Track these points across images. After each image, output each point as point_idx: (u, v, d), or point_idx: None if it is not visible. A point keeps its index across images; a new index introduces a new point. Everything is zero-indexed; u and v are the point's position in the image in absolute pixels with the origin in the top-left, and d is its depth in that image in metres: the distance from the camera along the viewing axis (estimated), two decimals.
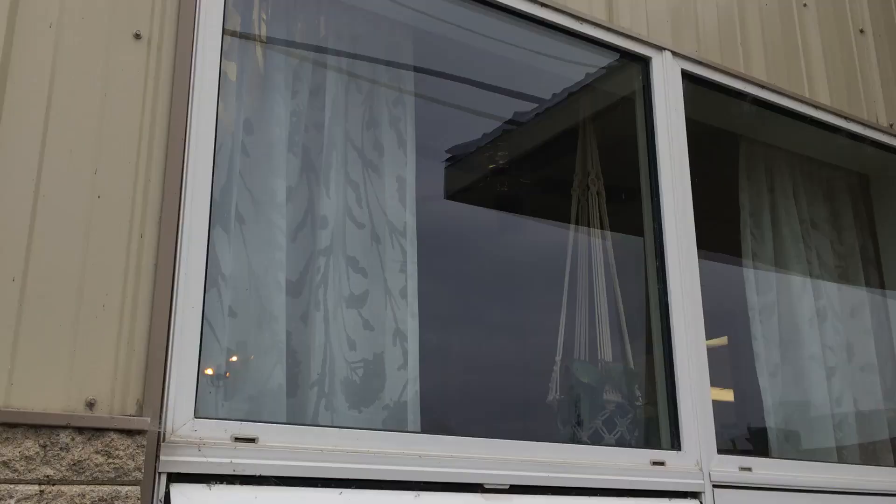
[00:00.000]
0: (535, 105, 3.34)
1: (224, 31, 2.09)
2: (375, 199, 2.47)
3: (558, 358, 2.82)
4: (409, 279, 2.42)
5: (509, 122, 3.47)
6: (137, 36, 1.93)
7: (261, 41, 2.40)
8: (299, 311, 2.28)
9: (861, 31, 3.56)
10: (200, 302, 1.85)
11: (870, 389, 3.41)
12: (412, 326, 2.39)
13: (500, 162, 3.71)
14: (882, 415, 3.42)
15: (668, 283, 2.66)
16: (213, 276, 2.08)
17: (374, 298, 2.38)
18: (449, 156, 3.76)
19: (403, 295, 2.41)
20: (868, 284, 3.60)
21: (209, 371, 2.05)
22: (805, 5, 3.42)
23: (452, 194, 3.88)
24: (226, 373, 2.11)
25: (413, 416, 2.30)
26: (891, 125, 3.46)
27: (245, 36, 2.36)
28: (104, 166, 1.82)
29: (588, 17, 2.77)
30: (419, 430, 2.30)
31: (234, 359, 2.14)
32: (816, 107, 3.26)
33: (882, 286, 3.64)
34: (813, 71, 3.30)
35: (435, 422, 2.42)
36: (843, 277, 3.55)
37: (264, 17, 2.40)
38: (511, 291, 3.50)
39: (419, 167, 2.57)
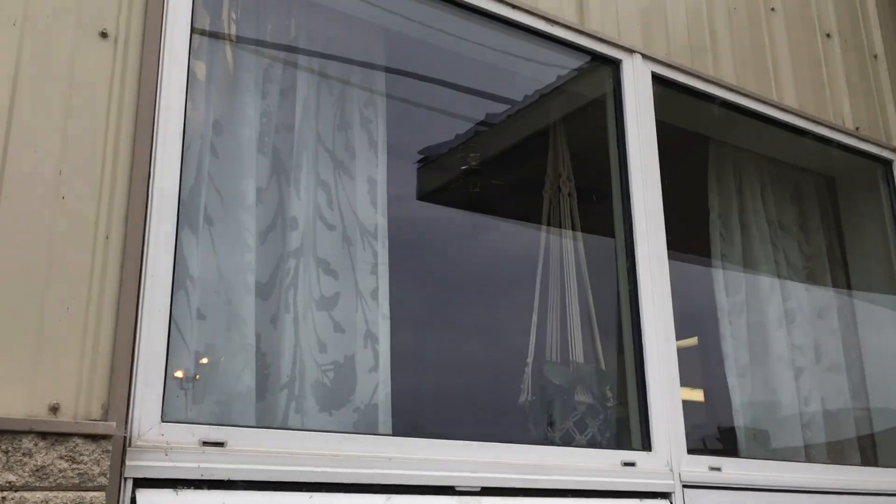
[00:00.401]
0: (507, 107, 3.35)
1: (193, 30, 2.07)
2: (346, 201, 2.47)
3: (530, 360, 2.83)
4: (380, 281, 2.42)
5: (481, 123, 3.48)
6: (104, 34, 1.90)
7: (230, 41, 2.38)
8: (269, 314, 2.27)
9: (828, 35, 3.61)
10: (168, 304, 1.83)
11: (837, 389, 3.45)
12: (383, 328, 2.38)
13: (472, 163, 3.71)
14: (849, 414, 3.46)
15: (638, 284, 2.68)
16: (181, 277, 2.06)
17: (345, 300, 2.37)
18: (421, 157, 3.75)
19: (374, 297, 2.40)
20: (835, 285, 3.64)
21: (178, 374, 2.02)
22: (773, 9, 3.45)
23: (424, 196, 3.87)
24: (195, 376, 2.08)
25: (384, 418, 2.29)
26: (857, 128, 3.51)
27: (214, 35, 2.34)
28: (69, 166, 1.79)
29: (559, 19, 2.78)
30: (390, 433, 2.29)
31: (204, 362, 2.12)
32: (784, 110, 3.29)
33: (848, 287, 3.68)
34: (781, 74, 3.34)
35: (407, 424, 2.41)
36: (811, 278, 3.59)
37: (234, 17, 2.39)
38: (483, 293, 3.51)
39: (390, 168, 2.56)
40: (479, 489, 2.10)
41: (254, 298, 2.20)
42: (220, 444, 1.81)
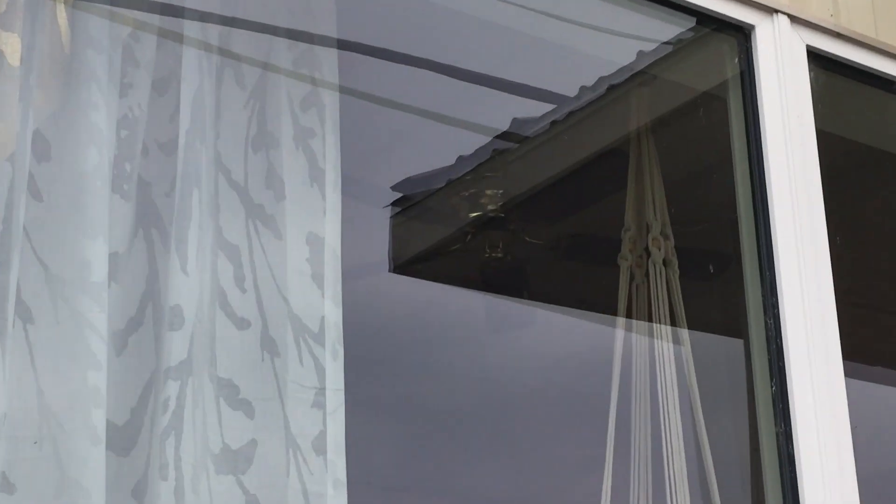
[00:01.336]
0: (550, 107, 3.43)
1: None
2: (270, 276, 2.46)
3: None
4: (329, 419, 2.42)
5: (504, 136, 3.55)
6: None
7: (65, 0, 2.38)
8: (131, 481, 2.25)
9: None
10: None
11: None
12: None
13: (490, 207, 3.78)
14: None
15: (791, 420, 2.70)
16: None
17: (268, 455, 2.37)
18: (397, 196, 3.81)
19: (320, 448, 2.39)
20: None
21: None
22: None
23: (404, 265, 3.91)
24: None
25: None
26: None
27: None
28: None
29: None
30: None
31: None
32: None
33: None
34: None
35: None
36: None
37: None
38: (513, 436, 3.55)
39: (348, 218, 2.58)
40: None
41: (103, 453, 2.17)
42: None
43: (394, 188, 3.78)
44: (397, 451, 3.94)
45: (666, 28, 3.02)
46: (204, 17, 2.57)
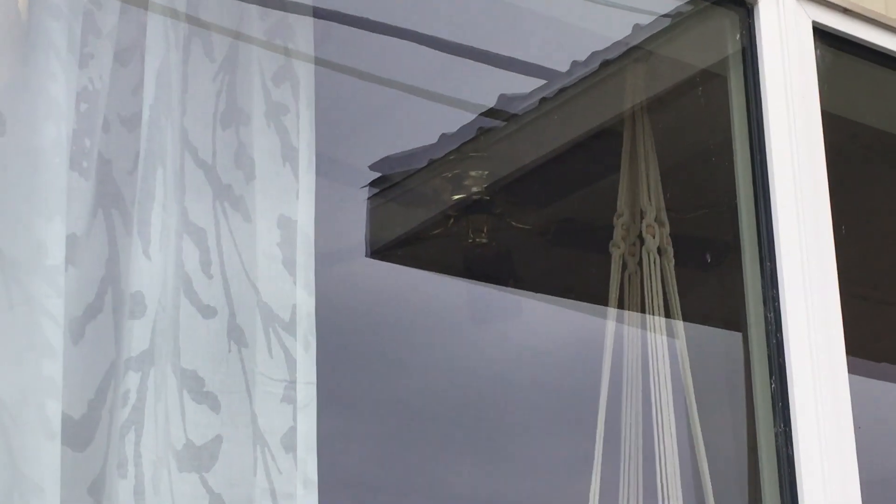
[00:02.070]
0: (540, 83, 3.44)
1: None
2: (238, 261, 2.46)
3: None
4: (300, 415, 2.42)
5: (490, 113, 3.57)
6: None
7: None
8: (87, 478, 2.25)
9: None
10: None
11: None
12: None
13: (474, 189, 3.79)
14: None
15: (791, 420, 2.72)
16: None
17: (234, 452, 2.37)
18: (375, 176, 3.82)
19: (290, 445, 2.39)
20: None
21: None
22: None
23: (382, 250, 3.92)
24: None
25: None
26: None
27: None
28: None
29: None
30: None
31: None
32: None
33: None
34: None
35: None
36: None
37: None
38: (498, 433, 3.56)
39: (322, 198, 2.58)
40: None
41: (58, 448, 2.15)
42: None
43: (372, 167, 3.78)
44: (372, 448, 3.95)
45: (664, 1, 3.04)
46: None
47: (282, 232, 2.51)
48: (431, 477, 4.03)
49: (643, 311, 3.08)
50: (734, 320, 2.99)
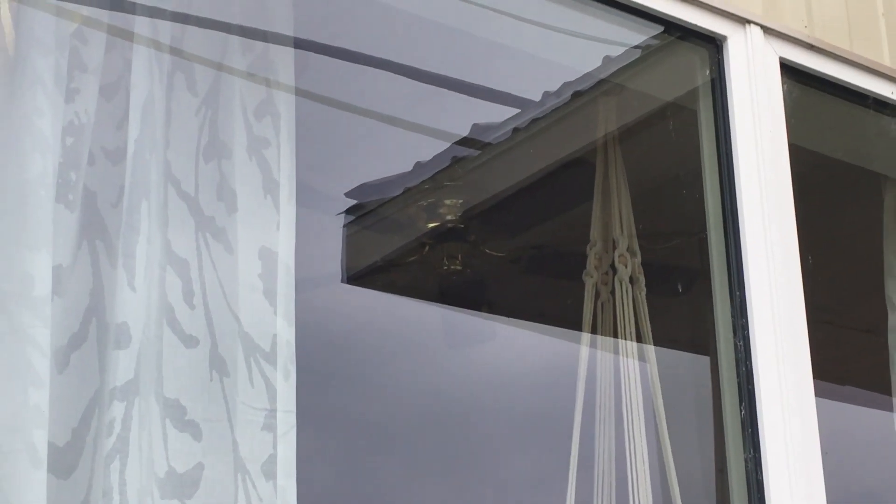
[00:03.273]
0: (513, 112, 3.45)
1: None
2: (220, 292, 2.47)
3: None
4: (280, 443, 2.41)
5: (464, 142, 3.57)
6: None
7: None
8: None
9: None
10: None
11: None
12: None
13: (448, 217, 3.78)
14: None
15: (761, 446, 2.73)
16: None
17: (215, 480, 2.37)
18: (351, 204, 3.80)
19: (270, 473, 2.39)
20: None
21: None
22: None
23: (358, 276, 3.91)
24: None
25: None
26: None
27: None
28: None
29: None
30: None
31: None
32: None
33: None
34: None
35: None
36: None
37: None
38: (479, 460, 3.55)
39: (299, 226, 2.58)
40: None
41: (44, 476, 2.16)
42: None
43: (348, 195, 3.76)
44: (344, 469, 3.93)
45: (634, 36, 3.04)
46: (154, 13, 2.56)
47: (263, 263, 2.51)
48: (401, 497, 4.02)
49: (616, 336, 3.08)
50: (704, 346, 3.00)
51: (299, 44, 2.74)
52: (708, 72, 2.97)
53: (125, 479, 2.24)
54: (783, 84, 2.99)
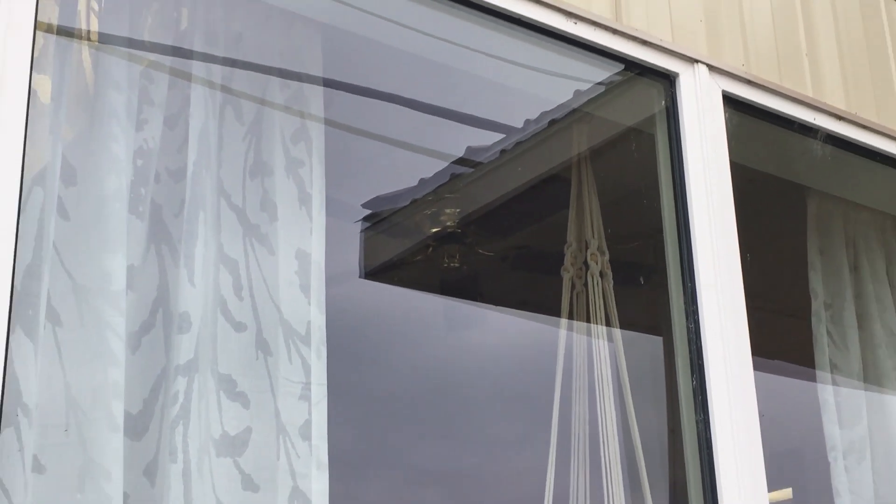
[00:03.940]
0: (500, 136, 3.44)
1: (36, 28, 2.08)
2: (264, 286, 2.48)
3: None
4: (314, 410, 2.43)
5: (460, 162, 3.56)
6: None
7: (90, 42, 2.40)
8: (143, 462, 2.27)
9: None
10: None
11: None
12: (319, 484, 2.39)
13: (448, 223, 3.77)
14: None
15: (709, 409, 2.74)
16: (10, 407, 2.04)
17: (261, 441, 2.38)
18: (367, 213, 3.79)
19: (306, 435, 2.41)
20: None
21: None
22: None
23: (373, 272, 3.90)
24: None
25: None
26: None
27: (66, 34, 2.35)
28: None
29: (585, 14, 2.84)
30: None
31: None
32: None
33: None
34: None
35: None
36: None
37: (96, 8, 2.41)
38: (471, 425, 3.54)
39: (333, 236, 2.61)
40: None
41: (121, 439, 2.19)
42: None
43: (364, 205, 3.76)
44: (363, 431, 3.94)
45: (601, 73, 3.03)
46: (208, 58, 2.59)
47: (299, 262, 2.53)
48: (412, 451, 4.02)
49: (588, 321, 3.07)
50: (661, 328, 3.01)
51: (327, 82, 2.77)
52: (663, 102, 2.98)
53: (187, 441, 2.29)
54: (725, 112, 3.00)
